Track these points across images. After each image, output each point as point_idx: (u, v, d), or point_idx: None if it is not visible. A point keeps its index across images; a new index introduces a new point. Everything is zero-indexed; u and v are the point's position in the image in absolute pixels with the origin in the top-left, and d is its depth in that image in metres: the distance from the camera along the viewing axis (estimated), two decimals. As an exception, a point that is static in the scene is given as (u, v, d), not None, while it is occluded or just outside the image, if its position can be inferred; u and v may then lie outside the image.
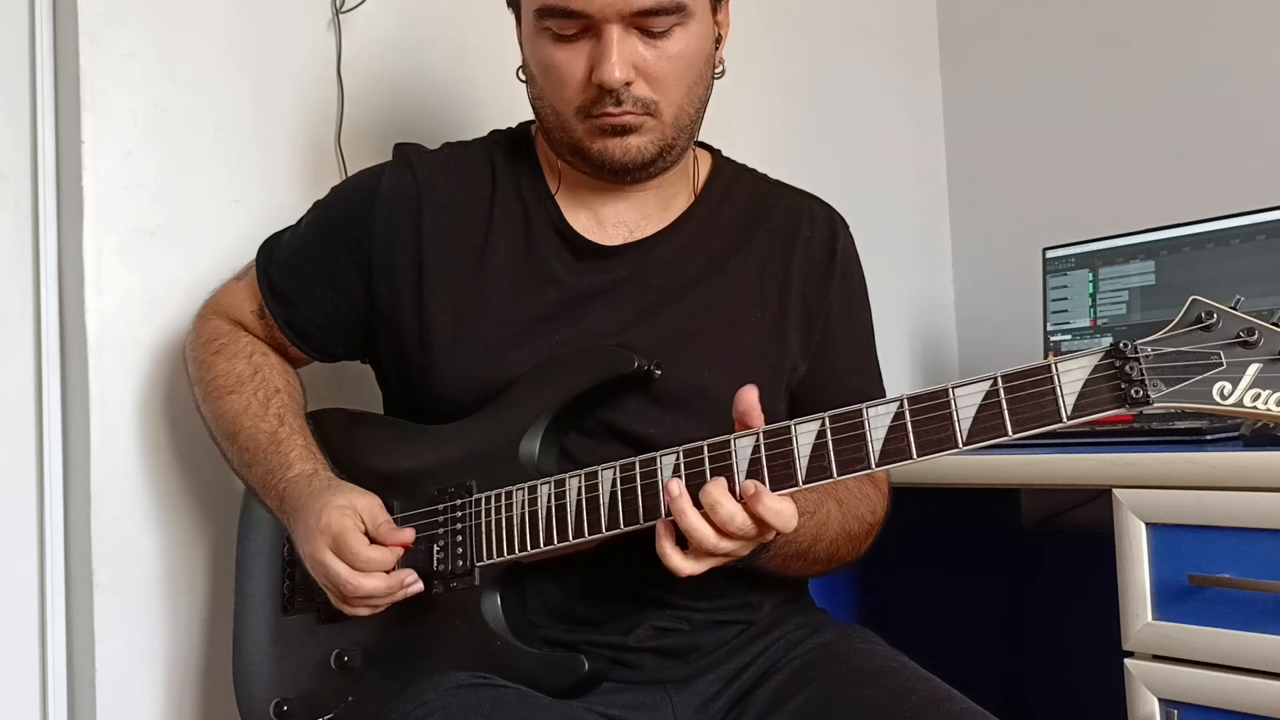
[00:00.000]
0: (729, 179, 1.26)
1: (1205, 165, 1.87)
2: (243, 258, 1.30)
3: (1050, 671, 1.94)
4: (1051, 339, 1.80)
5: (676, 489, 0.96)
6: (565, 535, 1.04)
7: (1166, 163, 1.93)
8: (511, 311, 1.15)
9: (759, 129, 1.95)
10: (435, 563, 1.10)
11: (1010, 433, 0.89)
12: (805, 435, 0.96)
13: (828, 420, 0.95)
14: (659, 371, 1.10)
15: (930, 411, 0.92)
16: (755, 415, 0.98)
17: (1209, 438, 1.27)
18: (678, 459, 1.00)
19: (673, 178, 1.20)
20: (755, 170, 1.30)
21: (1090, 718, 1.51)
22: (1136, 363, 0.86)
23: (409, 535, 1.07)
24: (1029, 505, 2.01)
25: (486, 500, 1.09)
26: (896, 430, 0.92)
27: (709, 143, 1.29)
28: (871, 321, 1.30)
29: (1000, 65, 2.18)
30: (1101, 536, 1.23)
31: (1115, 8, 2.01)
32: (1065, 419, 0.87)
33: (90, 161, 1.31)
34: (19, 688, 1.32)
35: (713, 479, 0.96)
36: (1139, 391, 0.85)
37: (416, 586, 1.07)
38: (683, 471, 0.99)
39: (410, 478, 1.14)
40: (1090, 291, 1.75)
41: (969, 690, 1.03)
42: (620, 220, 1.20)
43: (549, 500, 1.05)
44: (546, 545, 1.05)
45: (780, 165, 1.34)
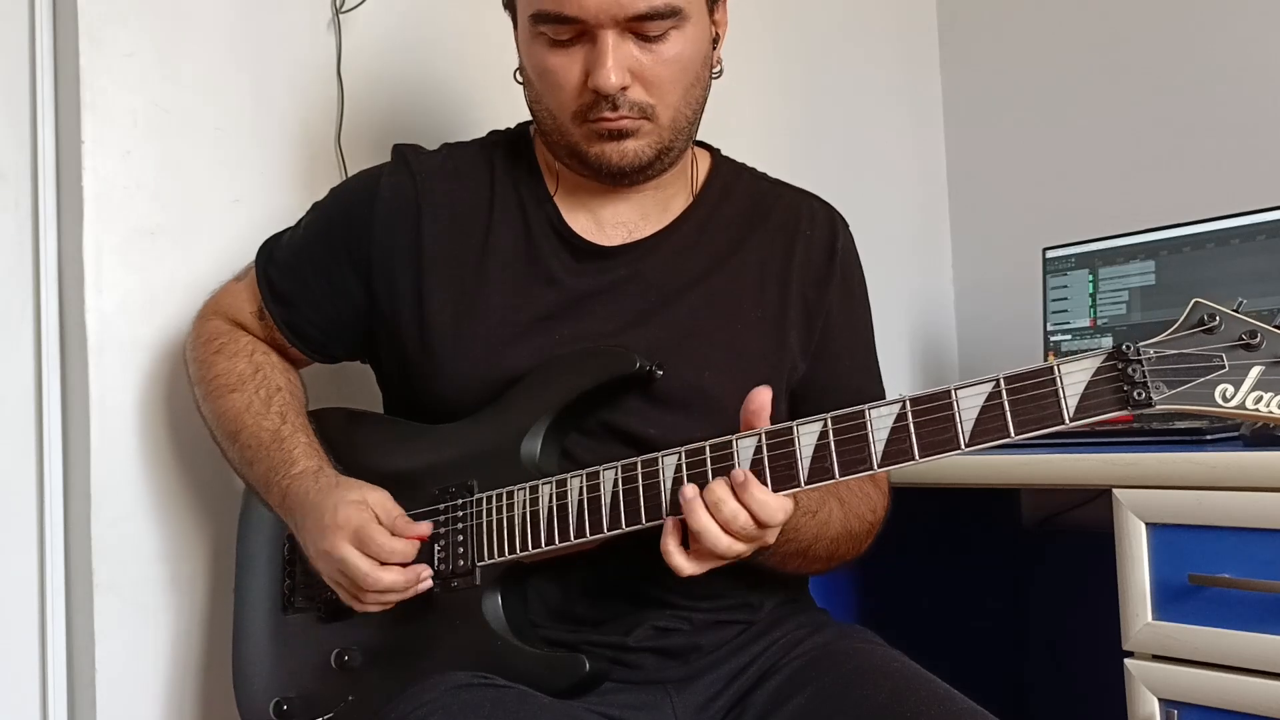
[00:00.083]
0: (728, 178, 1.26)
1: (1205, 165, 1.87)
2: (243, 258, 1.30)
3: (1050, 671, 1.94)
4: (1051, 339, 1.80)
5: (692, 492, 0.96)
6: (566, 535, 1.04)
7: (1166, 163, 1.93)
8: (511, 312, 1.15)
9: (759, 129, 1.95)
10: (436, 562, 1.09)
11: (1012, 434, 0.89)
12: (807, 436, 0.96)
13: (830, 421, 0.96)
14: (660, 372, 1.10)
15: (932, 413, 0.92)
16: (763, 418, 0.98)
17: (1209, 438, 1.28)
18: (679, 459, 1.00)
19: (672, 178, 1.20)
20: (755, 170, 1.30)
21: (1090, 718, 1.51)
22: (1139, 365, 0.86)
23: (426, 528, 1.08)
24: (1029, 505, 2.01)
25: (488, 500, 1.09)
26: (899, 431, 0.93)
27: (709, 142, 1.29)
28: (871, 321, 1.29)
29: (1000, 65, 2.18)
30: (1101, 536, 1.23)
31: (1115, 8, 2.01)
32: (1067, 421, 0.88)
33: (90, 161, 1.31)
34: (19, 688, 1.32)
35: (717, 479, 0.96)
36: (1141, 394, 0.86)
37: (429, 582, 1.07)
38: (684, 472, 0.99)
39: (411, 477, 1.14)
40: (1090, 291, 1.75)
41: (969, 690, 1.03)
42: (619, 221, 1.19)
43: (550, 500, 1.05)
44: (548, 545, 1.05)
45: (780, 165, 1.33)
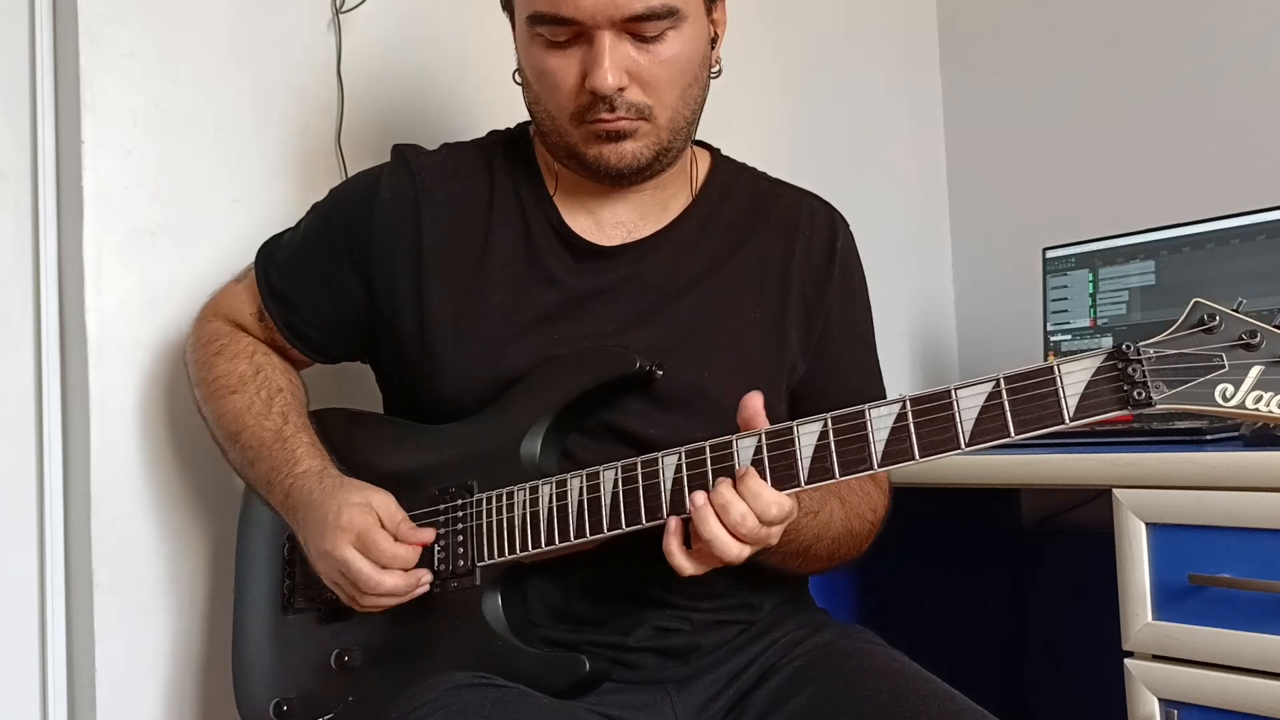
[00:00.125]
0: (728, 178, 1.26)
1: (1205, 165, 1.87)
2: (243, 258, 1.30)
3: (1050, 671, 1.94)
4: (1051, 339, 1.80)
5: (701, 500, 0.96)
6: (566, 535, 1.04)
7: (1166, 163, 1.92)
8: (511, 312, 1.15)
9: (759, 129, 1.95)
10: (436, 563, 1.09)
11: (1013, 434, 0.89)
12: (807, 436, 0.96)
13: (830, 421, 0.96)
14: (660, 372, 1.10)
15: (933, 413, 0.92)
16: (759, 422, 0.98)
17: (1209, 438, 1.27)
18: (680, 459, 1.00)
19: (671, 178, 1.20)
20: (755, 169, 1.30)
21: (1090, 718, 1.51)
22: (1139, 364, 0.86)
23: (429, 535, 1.08)
24: (1029, 505, 2.01)
25: (488, 500, 1.09)
26: (899, 431, 0.93)
27: (709, 142, 1.29)
28: (872, 320, 1.29)
29: (1000, 65, 2.18)
30: (1101, 536, 1.23)
31: (1115, 8, 2.01)
32: (1068, 420, 0.88)
33: (90, 161, 1.31)
34: (19, 688, 1.32)
35: (721, 481, 0.96)
36: (1141, 393, 0.85)
37: (426, 586, 1.07)
38: (685, 472, 0.99)
39: (411, 478, 1.14)
40: (1090, 291, 1.75)
41: (969, 690, 1.03)
42: (619, 221, 1.19)
43: (550, 500, 1.05)
44: (548, 545, 1.05)
45: (780, 165, 1.33)
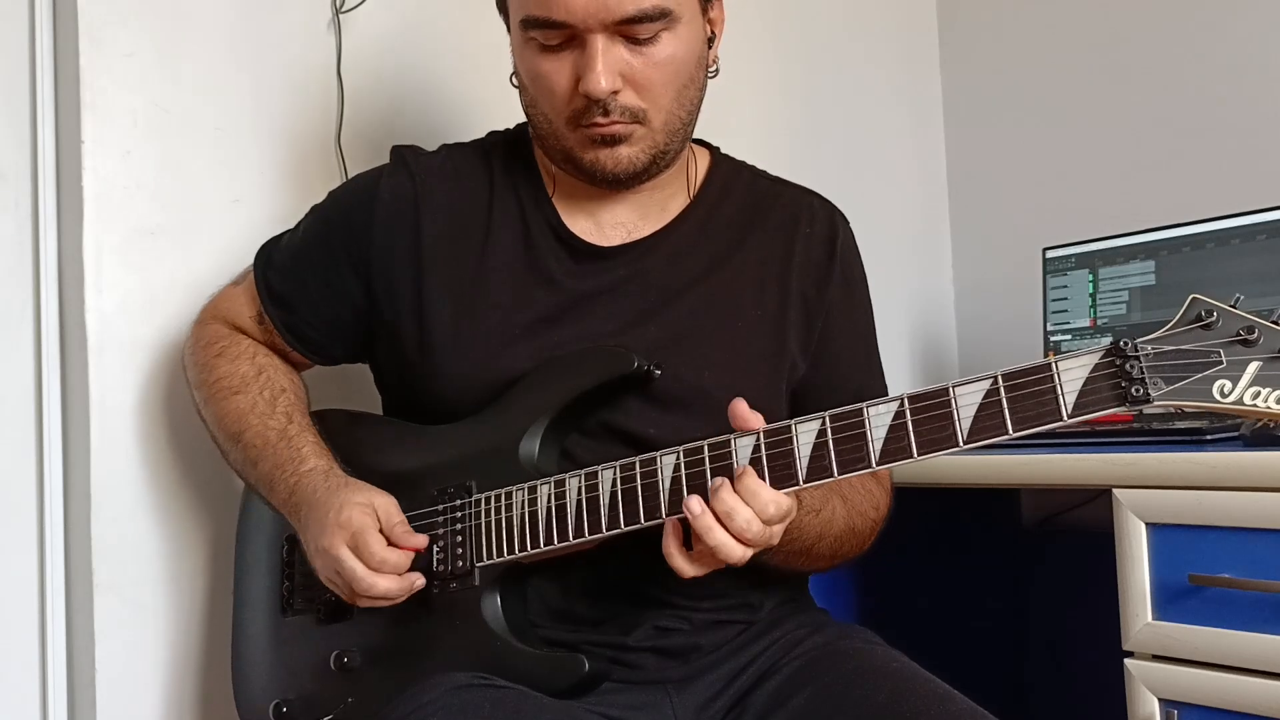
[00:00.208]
0: (728, 177, 1.26)
1: (1205, 165, 1.87)
2: (243, 258, 1.30)
3: (1050, 671, 1.94)
4: (1051, 339, 1.80)
5: (699, 507, 0.95)
6: (565, 535, 1.04)
7: (1166, 163, 1.92)
8: (511, 313, 1.15)
9: (759, 129, 1.95)
10: (435, 563, 1.09)
11: (1011, 431, 0.89)
12: (806, 434, 0.96)
13: (828, 419, 0.95)
14: (659, 372, 1.10)
15: (931, 410, 0.92)
16: (752, 422, 0.98)
17: (1209, 438, 1.27)
18: (678, 459, 1.00)
19: (670, 178, 1.20)
20: (755, 167, 1.29)
21: (1090, 718, 1.51)
22: (1137, 361, 0.86)
23: (422, 540, 1.07)
24: (1029, 505, 2.01)
25: (486, 500, 1.09)
26: (897, 429, 0.93)
27: (708, 141, 1.29)
28: (873, 318, 1.29)
29: (1000, 65, 2.18)
30: (1101, 536, 1.23)
31: (1115, 8, 2.01)
32: (1066, 418, 0.87)
33: (90, 161, 1.31)
34: (19, 688, 1.32)
35: (721, 484, 0.95)
36: (1139, 390, 0.85)
37: (422, 580, 1.07)
38: (683, 471, 0.99)
39: (410, 478, 1.14)
40: (1090, 291, 1.75)
41: (969, 690, 1.03)
42: (618, 221, 1.19)
43: (549, 500, 1.05)
44: (546, 545, 1.05)
45: (780, 165, 1.33)
